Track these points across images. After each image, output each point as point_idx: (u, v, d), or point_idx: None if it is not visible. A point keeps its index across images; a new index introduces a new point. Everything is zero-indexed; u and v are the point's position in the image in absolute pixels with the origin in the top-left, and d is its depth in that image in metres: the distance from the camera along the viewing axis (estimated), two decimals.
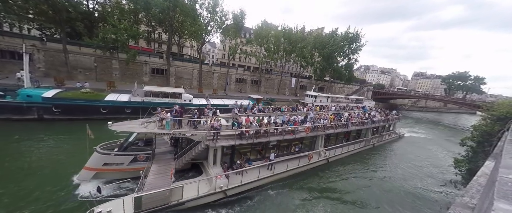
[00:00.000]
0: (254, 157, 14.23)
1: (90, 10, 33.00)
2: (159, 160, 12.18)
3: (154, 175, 10.64)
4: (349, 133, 20.28)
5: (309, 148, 17.00)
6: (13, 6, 23.81)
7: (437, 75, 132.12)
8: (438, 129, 43.08)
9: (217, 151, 11.86)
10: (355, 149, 20.33)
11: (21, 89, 18.77)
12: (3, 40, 25.53)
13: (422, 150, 25.91)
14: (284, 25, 45.86)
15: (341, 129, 18.58)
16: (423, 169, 19.38)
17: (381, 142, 24.76)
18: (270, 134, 14.04)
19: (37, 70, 26.95)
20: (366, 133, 22.69)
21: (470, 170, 12.97)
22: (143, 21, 37.22)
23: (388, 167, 19.08)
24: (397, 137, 29.20)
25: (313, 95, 40.85)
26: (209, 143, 11.24)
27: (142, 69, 35.21)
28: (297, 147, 15.95)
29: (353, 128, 19.81)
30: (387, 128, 27.57)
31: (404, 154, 23.20)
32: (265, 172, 12.95)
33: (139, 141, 12.84)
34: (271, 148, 14.62)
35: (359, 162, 19.06)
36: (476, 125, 14.26)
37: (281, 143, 14.89)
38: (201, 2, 32.92)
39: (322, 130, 16.65)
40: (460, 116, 74.89)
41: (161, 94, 23.27)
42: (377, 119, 23.45)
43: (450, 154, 23.53)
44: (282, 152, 15.21)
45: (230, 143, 11.94)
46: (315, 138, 16.88)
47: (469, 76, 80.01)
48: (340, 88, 64.79)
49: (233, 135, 12.37)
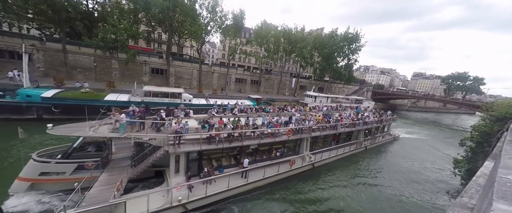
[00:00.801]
0: (228, 163, 12.79)
1: (89, 10, 32.96)
2: (113, 168, 10.63)
3: (100, 187, 9.09)
4: (338, 135, 19.00)
5: (294, 152, 15.63)
6: (12, 6, 23.75)
7: (437, 76, 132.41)
8: (436, 130, 42.81)
9: (180, 158, 10.45)
10: (345, 153, 18.97)
11: (21, 89, 18.74)
12: (2, 39, 25.45)
13: (418, 152, 24.95)
14: (284, 25, 45.90)
15: (329, 131, 17.31)
16: (417, 175, 18.27)
17: (374, 144, 23.52)
18: (246, 137, 12.61)
19: (37, 70, 26.89)
20: (357, 135, 21.54)
21: (470, 170, 12.98)
22: (142, 21, 37.18)
23: (380, 172, 17.92)
24: (392, 139, 28.08)
25: (312, 95, 40.88)
26: (169, 148, 9.95)
27: (142, 69, 35.17)
28: (279, 151, 14.66)
29: (342, 130, 18.69)
30: (381, 130, 26.51)
31: (399, 158, 22.16)
32: (238, 181, 11.58)
33: (89, 146, 11.28)
34: (249, 153, 13.35)
35: (348, 166, 17.92)
36: (475, 126, 14.27)
37: (260, 147, 13.60)
38: (201, 2, 32.94)
39: (307, 133, 15.41)
40: (460, 117, 75.01)
41: (161, 94, 23.25)
42: (369, 120, 22.43)
43: (447, 157, 22.57)
44: (262, 157, 13.93)
45: (195, 149, 10.57)
46: (299, 141, 15.56)
47: (468, 76, 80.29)
48: (340, 88, 64.84)
49: (201, 139, 10.93)
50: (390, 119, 28.05)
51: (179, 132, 10.37)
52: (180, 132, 10.41)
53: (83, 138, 10.50)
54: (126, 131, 10.01)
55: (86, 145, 11.21)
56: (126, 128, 10.05)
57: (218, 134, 11.41)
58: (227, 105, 18.07)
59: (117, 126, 9.99)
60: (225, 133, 11.76)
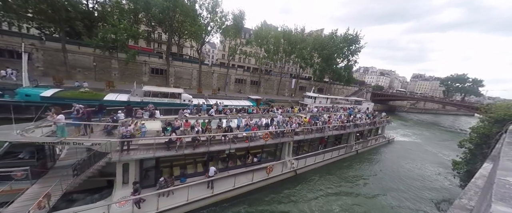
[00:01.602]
0: (194, 171, 11.26)
1: (89, 10, 32.93)
2: (51, 178, 8.91)
3: (23, 202, 7.54)
4: (326, 138, 17.86)
5: (274, 158, 14.30)
6: (12, 5, 23.71)
7: (436, 77, 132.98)
8: (434, 132, 42.74)
9: (130, 166, 9.09)
10: (333, 158, 17.61)
11: (20, 88, 18.68)
12: (2, 39, 25.37)
13: (414, 156, 23.87)
14: (284, 26, 46.05)
15: (314, 134, 15.94)
16: (412, 181, 17.02)
17: (366, 148, 22.33)
18: (216, 142, 11.29)
19: (36, 69, 26.81)
20: (348, 138, 20.48)
21: (469, 172, 13.03)
22: (143, 21, 37.15)
23: (372, 178, 16.78)
24: (386, 142, 26.82)
25: (312, 96, 40.93)
26: (114, 155, 8.69)
27: (142, 69, 35.13)
28: (257, 157, 13.30)
29: (330, 133, 17.42)
30: (375, 132, 25.41)
31: (393, 162, 20.98)
32: (202, 192, 10.06)
33: (22, 151, 9.49)
34: (222, 159, 12.08)
35: (336, 172, 16.65)
36: (474, 127, 14.33)
37: (235, 153, 12.39)
38: (201, 3, 32.98)
39: (289, 136, 14.13)
40: (458, 118, 75.24)
41: (160, 94, 23.21)
42: (361, 123, 21.26)
43: (444, 162, 21.79)
44: (235, 164, 12.47)
45: (148, 156, 9.22)
46: (281, 145, 14.32)
47: (467, 78, 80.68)
48: (340, 90, 64.95)
49: (159, 144, 9.67)
50: (384, 121, 26.77)
51: (126, 136, 9.01)
52: (127, 136, 9.03)
53: (9, 143, 8.79)
54: (68, 135, 8.78)
55: (16, 151, 9.32)
56: (66, 131, 8.68)
57: (179, 139, 9.91)
58: (202, 105, 16.57)
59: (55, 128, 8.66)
60: (188, 138, 10.31)
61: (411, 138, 33.44)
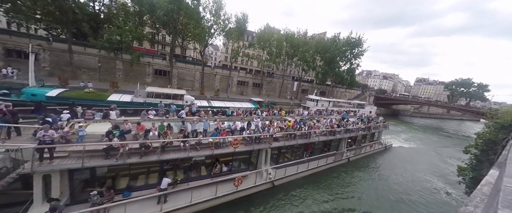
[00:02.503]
0: (144, 183, 9.61)
1: (96, 12, 33.63)
2: None
3: None
4: (312, 145, 16.23)
5: (249, 167, 12.70)
6: (21, 7, 24.36)
7: (440, 81, 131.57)
8: (438, 137, 41.78)
9: (53, 178, 7.52)
10: (320, 166, 15.86)
11: (26, 87, 19.02)
12: (11, 39, 26.04)
13: (412, 164, 21.89)
14: (286, 29, 46.30)
15: (297, 140, 14.31)
16: (409, 195, 15.07)
17: (359, 155, 20.57)
18: (172, 149, 9.69)
19: (42, 69, 27.35)
20: (338, 145, 18.84)
21: (474, 178, 12.74)
22: (147, 23, 37.77)
23: (363, 190, 14.79)
24: (383, 149, 24.73)
25: (314, 99, 40.78)
26: (28, 165, 7.07)
27: (145, 70, 35.55)
28: (228, 166, 11.72)
29: (316, 139, 15.71)
30: (369, 138, 23.73)
31: (389, 171, 19.02)
32: (149, 209, 8.41)
33: None
34: (186, 168, 10.54)
35: (322, 184, 14.61)
36: (480, 133, 14.07)
37: (206, 160, 11.13)
38: (205, 5, 33.42)
39: (267, 142, 12.55)
40: (464, 123, 74.07)
41: (163, 95, 23.38)
42: (354, 128, 19.40)
43: (446, 173, 20.09)
44: (199, 174, 10.90)
45: (76, 165, 7.58)
46: (257, 153, 12.77)
47: (472, 83, 79.65)
48: (342, 93, 64.64)
49: (96, 151, 8.18)
50: (380, 126, 24.73)
51: (45, 141, 7.44)
52: (45, 141, 7.45)
53: None
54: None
55: None
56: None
57: (122, 145, 8.33)
58: (171, 106, 14.95)
59: None
60: (135, 144, 8.83)
61: (412, 144, 31.71)
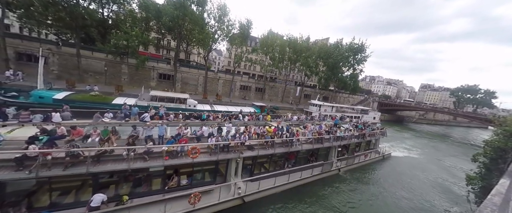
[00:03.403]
0: (73, 200, 7.90)
1: (104, 18, 34.75)
2: None
3: None
4: (295, 154, 14.43)
5: (215, 180, 10.89)
6: (34, 13, 25.37)
7: (446, 88, 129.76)
8: (444, 145, 40.42)
9: None
10: (303, 179, 13.86)
11: (34, 90, 19.51)
12: (22, 43, 27.01)
13: (411, 177, 19.38)
14: (289, 34, 46.83)
15: (274, 149, 12.47)
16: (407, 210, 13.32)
17: (351, 165, 18.37)
18: (111, 159, 8.09)
19: (51, 72, 28.11)
20: (328, 154, 16.89)
21: (484, 188, 12.29)
22: (153, 29, 38.77)
23: (351, 208, 12.68)
24: (380, 158, 22.58)
25: (317, 104, 40.56)
26: None
27: (150, 74, 36.15)
28: (188, 179, 10.13)
29: (298, 147, 13.84)
30: (365, 147, 21.61)
31: (387, 183, 16.73)
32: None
33: None
34: (136, 181, 8.98)
35: (305, 200, 12.60)
36: (488, 141, 13.69)
37: (167, 171, 9.56)
38: (210, 12, 34.20)
39: (238, 151, 10.86)
40: (471, 130, 72.24)
41: (167, 99, 23.62)
42: (346, 135, 17.41)
43: (451, 186, 18.18)
44: (150, 189, 9.26)
45: None
46: (227, 163, 11.05)
47: (479, 89, 78.30)
48: (345, 98, 64.21)
49: (3, 161, 6.59)
50: (377, 133, 22.46)
51: None
52: None
53: None
54: None
55: None
56: None
57: (47, 153, 6.78)
58: (132, 108, 13.58)
59: None
60: (60, 152, 7.14)
61: (414, 152, 29.36)
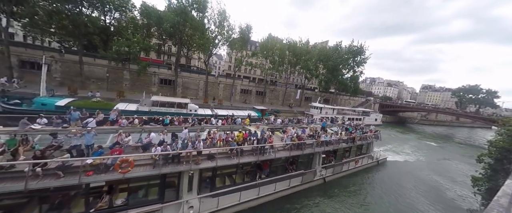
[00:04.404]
0: None
1: (106, 25, 35.37)
2: None
3: None
4: (269, 163, 12.44)
5: (162, 198, 8.95)
6: (38, 22, 25.89)
7: (447, 88, 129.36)
8: (447, 147, 39.36)
9: None
10: (276, 192, 11.95)
11: (37, 97, 19.70)
12: (26, 51, 27.46)
13: (409, 185, 17.11)
14: (289, 38, 47.32)
15: (238, 159, 10.42)
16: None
17: (339, 173, 16.25)
18: (10, 176, 6.54)
19: (53, 79, 28.43)
20: (311, 161, 14.93)
21: (490, 189, 12.09)
22: (154, 35, 39.34)
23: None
24: (374, 164, 20.50)
25: (318, 106, 40.52)
26: None
27: (151, 80, 36.43)
28: (130, 197, 8.48)
29: (270, 156, 11.78)
30: (355, 152, 19.43)
31: (378, 194, 14.93)
32: None
33: None
34: (67, 200, 7.53)
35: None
36: (492, 141, 13.55)
37: (104, 188, 8.13)
38: (210, 17, 34.71)
39: (192, 162, 9.13)
40: (474, 131, 71.44)
41: (168, 104, 23.74)
42: (332, 140, 15.69)
43: (455, 198, 16.18)
44: (69, 211, 7.55)
45: None
46: (177, 177, 9.28)
47: (480, 89, 77.95)
48: (346, 100, 64.10)
49: None
50: (370, 136, 20.23)
51: None
52: None
53: None
54: None
55: None
56: None
57: None
58: (72, 112, 11.87)
59: None
60: None
61: (415, 156, 27.43)
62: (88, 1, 27.95)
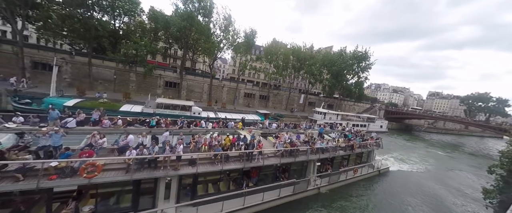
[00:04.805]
0: None
1: (115, 28, 36.47)
2: None
3: None
4: (257, 171, 11.74)
5: (136, 207, 8.28)
6: (51, 25, 26.98)
7: (455, 96, 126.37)
8: (456, 157, 37.98)
9: None
10: (264, 202, 11.12)
11: (47, 97, 20.26)
12: (38, 53, 28.50)
13: (413, 199, 15.90)
14: (293, 43, 47.67)
15: (222, 166, 9.86)
16: None
17: (336, 183, 15.29)
18: None
19: (63, 80, 29.29)
20: (304, 170, 14.08)
21: (503, 202, 11.54)
22: (161, 39, 40.28)
23: None
24: (375, 174, 19.34)
25: (322, 112, 40.13)
26: None
27: (157, 82, 37.05)
28: (99, 204, 7.88)
29: (258, 163, 11.08)
30: (354, 160, 18.50)
31: (376, 209, 13.73)
32: None
33: None
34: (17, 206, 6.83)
35: None
36: (504, 151, 13.02)
37: (74, 193, 7.70)
38: (216, 22, 35.36)
39: (171, 168, 8.53)
40: (485, 140, 69.04)
41: (172, 106, 23.99)
42: (329, 147, 14.95)
43: None
44: None
45: None
46: (153, 184, 8.65)
47: (490, 97, 75.75)
48: (351, 106, 63.32)
49: None
50: (370, 144, 19.09)
51: None
52: None
53: None
54: None
55: None
56: None
57: None
58: (51, 111, 11.19)
59: None
60: None
61: (421, 165, 25.83)
62: (100, 6, 28.96)
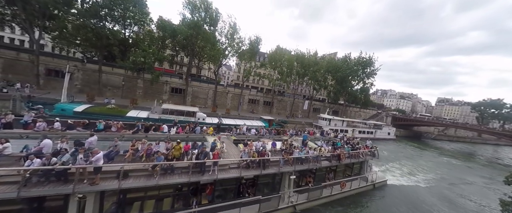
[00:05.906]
0: None
1: (126, 37, 38.03)
2: None
3: None
4: (212, 186, 9.57)
5: None
6: (66, 34, 28.51)
7: (466, 102, 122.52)
8: (471, 165, 35.84)
9: None
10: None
11: (58, 103, 21.03)
12: (53, 61, 29.93)
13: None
14: (297, 50, 48.07)
15: (168, 179, 8.31)
16: None
17: (317, 200, 12.99)
18: None
19: (74, 87, 30.43)
20: (277, 184, 12.02)
21: None
22: (168, 46, 41.57)
23: None
24: (369, 187, 16.78)
25: (327, 118, 39.65)
26: None
27: (163, 88, 37.87)
28: None
29: (211, 177, 8.98)
30: (344, 172, 16.24)
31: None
32: None
33: None
34: None
35: None
36: None
37: None
38: (221, 30, 36.32)
39: (85, 182, 7.04)
40: (500, 149, 65.74)
41: (177, 112, 24.34)
42: (310, 156, 12.61)
43: None
44: None
45: None
46: (62, 201, 6.96)
47: (504, 103, 73.06)
48: (356, 112, 62.29)
49: None
50: (362, 155, 16.42)
51: None
52: None
53: None
54: None
55: None
56: None
57: None
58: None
59: None
60: None
61: (425, 177, 22.92)
62: (112, 16, 30.43)
